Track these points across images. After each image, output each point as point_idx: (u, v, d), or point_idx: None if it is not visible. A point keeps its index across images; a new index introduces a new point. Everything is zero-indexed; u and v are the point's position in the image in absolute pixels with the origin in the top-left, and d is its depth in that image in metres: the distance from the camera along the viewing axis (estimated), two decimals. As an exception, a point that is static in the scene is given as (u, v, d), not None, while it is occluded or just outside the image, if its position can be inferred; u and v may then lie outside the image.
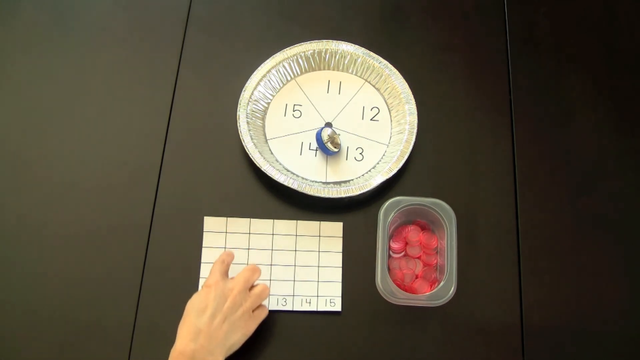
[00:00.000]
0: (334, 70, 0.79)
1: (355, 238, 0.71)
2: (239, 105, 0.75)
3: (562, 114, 0.77)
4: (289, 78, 0.78)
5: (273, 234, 0.71)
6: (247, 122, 0.74)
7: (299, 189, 0.70)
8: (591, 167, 0.75)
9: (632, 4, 0.84)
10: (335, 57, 0.78)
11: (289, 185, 0.70)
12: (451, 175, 0.74)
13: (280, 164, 0.74)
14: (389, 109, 0.77)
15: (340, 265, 0.70)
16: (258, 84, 0.76)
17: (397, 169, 0.72)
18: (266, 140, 0.75)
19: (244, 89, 0.76)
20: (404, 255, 0.70)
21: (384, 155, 0.75)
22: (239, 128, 0.73)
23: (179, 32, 0.81)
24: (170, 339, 0.65)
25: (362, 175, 0.74)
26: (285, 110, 0.77)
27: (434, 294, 0.62)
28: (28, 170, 0.73)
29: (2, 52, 0.79)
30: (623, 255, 0.71)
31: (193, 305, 0.61)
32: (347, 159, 0.75)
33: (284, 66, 0.78)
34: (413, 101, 0.76)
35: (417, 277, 0.69)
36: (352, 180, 0.73)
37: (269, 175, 0.71)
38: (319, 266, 0.70)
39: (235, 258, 0.69)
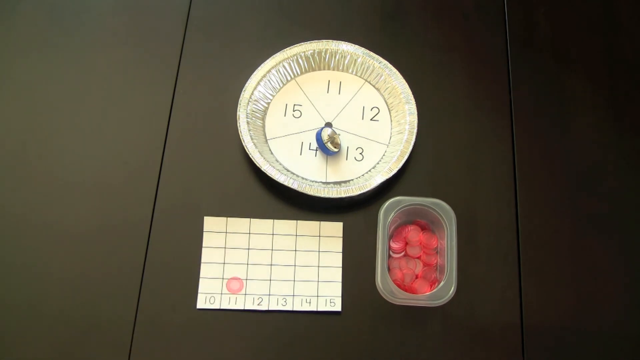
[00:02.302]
0: (334, 70, 0.79)
1: (355, 238, 0.71)
2: (239, 105, 0.75)
3: (562, 114, 0.77)
4: (289, 78, 0.78)
5: (273, 234, 0.71)
6: (247, 122, 0.74)
7: (299, 189, 0.70)
8: (591, 167, 0.75)
9: (632, 5, 0.84)
10: (335, 57, 0.78)
11: (289, 185, 0.70)
12: (451, 175, 0.74)
13: (280, 164, 0.74)
14: (389, 109, 0.77)
15: (340, 265, 0.70)
16: (258, 84, 0.76)
17: (397, 169, 0.72)
18: (266, 140, 0.75)
19: (244, 89, 0.76)
20: (404, 255, 0.70)
21: (384, 155, 0.75)
22: (239, 128, 0.73)
23: (179, 32, 0.81)
24: (170, 339, 0.66)
25: (362, 175, 0.74)
26: (285, 110, 0.77)
27: (434, 294, 0.62)
28: (28, 169, 0.73)
29: (2, 52, 0.79)
30: (623, 255, 0.71)
31: None
32: (347, 159, 0.75)
33: (284, 66, 0.78)
34: (413, 101, 0.76)
35: (417, 277, 0.69)
36: (352, 180, 0.73)
37: (269, 175, 0.71)
38: (319, 266, 0.70)
39: (235, 258, 0.70)
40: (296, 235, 0.71)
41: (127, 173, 0.73)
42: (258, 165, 0.71)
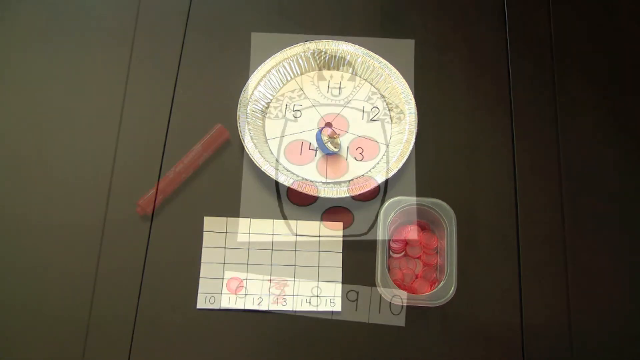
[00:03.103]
0: (334, 70, 0.79)
1: (355, 238, 0.71)
2: (239, 105, 0.75)
3: (562, 114, 0.77)
4: (289, 78, 0.78)
5: (273, 234, 0.71)
6: (247, 122, 0.74)
7: (299, 189, 0.70)
8: (591, 167, 0.75)
9: (632, 4, 0.84)
10: (335, 57, 0.78)
11: (289, 185, 0.70)
12: (451, 175, 0.74)
13: (280, 164, 0.74)
14: (389, 109, 0.77)
15: (340, 265, 0.70)
16: (258, 84, 0.76)
17: (397, 169, 0.72)
18: (266, 140, 0.75)
19: (244, 89, 0.76)
20: (404, 255, 0.70)
21: (384, 155, 0.75)
22: (239, 128, 0.73)
23: (179, 32, 0.81)
24: (170, 339, 0.66)
25: (362, 175, 0.74)
26: (285, 110, 0.77)
27: (434, 294, 0.62)
28: (27, 169, 0.73)
29: (2, 51, 0.79)
30: (623, 255, 0.71)
31: None
32: (347, 159, 0.75)
33: (284, 66, 0.78)
34: (413, 101, 0.76)
35: (417, 277, 0.69)
36: (352, 180, 0.73)
37: (269, 175, 0.71)
38: (319, 266, 0.70)
39: (235, 258, 0.70)
40: (296, 235, 0.71)
41: (127, 173, 0.73)
42: (258, 165, 0.71)
